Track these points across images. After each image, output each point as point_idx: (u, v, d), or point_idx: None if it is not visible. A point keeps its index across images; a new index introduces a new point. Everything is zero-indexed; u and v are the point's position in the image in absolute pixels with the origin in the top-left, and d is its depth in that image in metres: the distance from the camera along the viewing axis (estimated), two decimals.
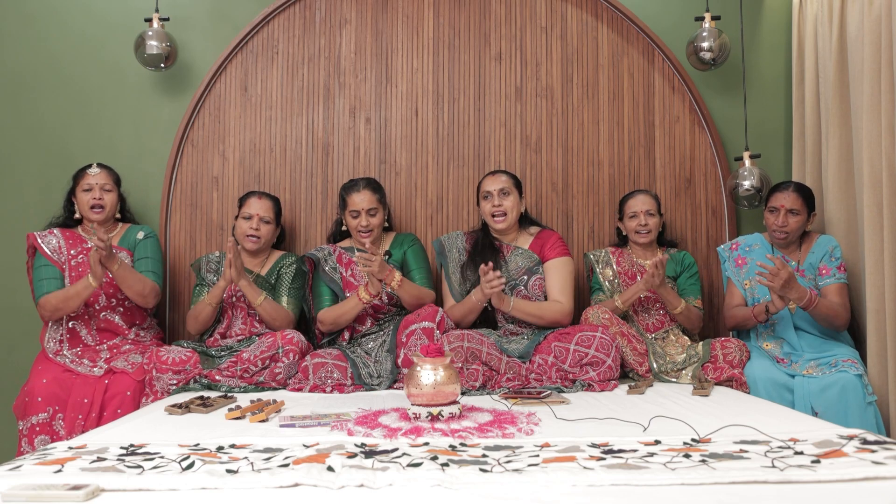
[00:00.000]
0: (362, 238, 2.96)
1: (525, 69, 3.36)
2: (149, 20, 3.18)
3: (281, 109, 3.34)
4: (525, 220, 3.07)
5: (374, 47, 3.37)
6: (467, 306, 2.84)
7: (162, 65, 3.17)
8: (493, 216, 2.97)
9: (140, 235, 3.01)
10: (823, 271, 2.84)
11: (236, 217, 3.04)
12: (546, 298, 2.93)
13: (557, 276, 2.92)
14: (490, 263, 2.70)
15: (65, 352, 2.81)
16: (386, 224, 3.06)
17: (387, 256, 3.01)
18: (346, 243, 3.09)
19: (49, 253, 2.86)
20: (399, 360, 2.72)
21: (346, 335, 2.96)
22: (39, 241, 2.88)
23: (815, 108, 3.17)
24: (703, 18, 3.19)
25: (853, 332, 2.92)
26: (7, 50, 3.35)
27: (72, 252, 2.90)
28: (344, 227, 3.06)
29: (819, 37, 3.13)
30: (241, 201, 3.04)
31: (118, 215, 3.05)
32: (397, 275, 2.79)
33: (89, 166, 2.99)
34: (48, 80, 3.34)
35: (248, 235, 2.96)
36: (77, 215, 2.99)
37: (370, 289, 2.79)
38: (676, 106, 3.35)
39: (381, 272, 2.72)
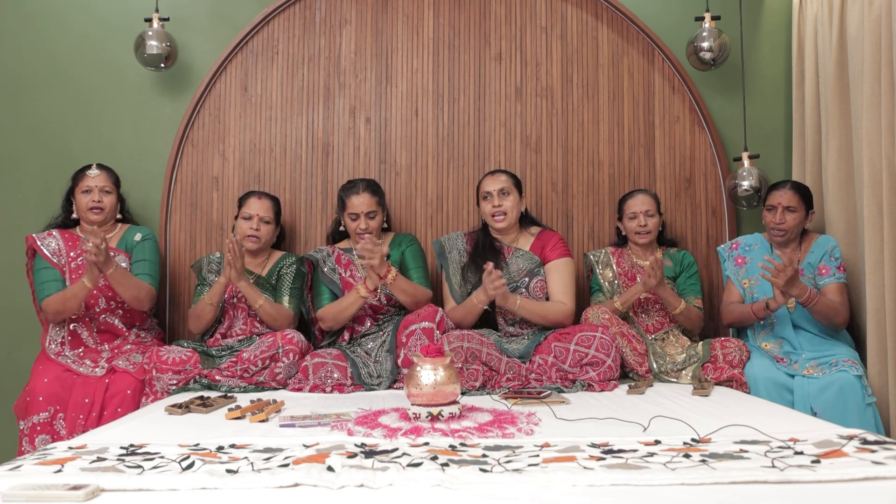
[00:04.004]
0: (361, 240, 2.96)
1: (525, 69, 3.36)
2: (149, 20, 3.18)
3: (281, 109, 3.34)
4: (526, 220, 3.07)
5: (374, 47, 3.37)
6: (467, 307, 2.83)
7: (162, 65, 3.17)
8: (493, 216, 2.97)
9: (137, 237, 2.98)
10: (823, 271, 2.85)
11: (236, 217, 3.04)
12: (547, 300, 2.93)
13: (559, 277, 2.92)
14: (491, 264, 2.70)
15: (66, 352, 2.81)
16: (384, 224, 3.06)
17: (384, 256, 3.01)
18: (344, 244, 3.09)
19: (49, 255, 2.86)
20: (399, 361, 2.72)
21: (346, 335, 2.96)
22: (39, 243, 2.87)
23: (815, 108, 3.17)
24: (703, 18, 3.19)
25: (853, 332, 2.92)
26: (7, 50, 3.35)
27: (71, 254, 2.89)
28: (342, 228, 3.06)
29: (819, 37, 3.13)
30: (241, 201, 3.04)
31: (118, 216, 3.04)
32: (393, 270, 2.77)
33: (89, 167, 2.98)
34: (48, 80, 3.34)
35: (248, 236, 2.96)
36: (75, 215, 2.98)
37: (368, 283, 2.78)
38: (676, 106, 3.35)
39: (381, 266, 2.72)
